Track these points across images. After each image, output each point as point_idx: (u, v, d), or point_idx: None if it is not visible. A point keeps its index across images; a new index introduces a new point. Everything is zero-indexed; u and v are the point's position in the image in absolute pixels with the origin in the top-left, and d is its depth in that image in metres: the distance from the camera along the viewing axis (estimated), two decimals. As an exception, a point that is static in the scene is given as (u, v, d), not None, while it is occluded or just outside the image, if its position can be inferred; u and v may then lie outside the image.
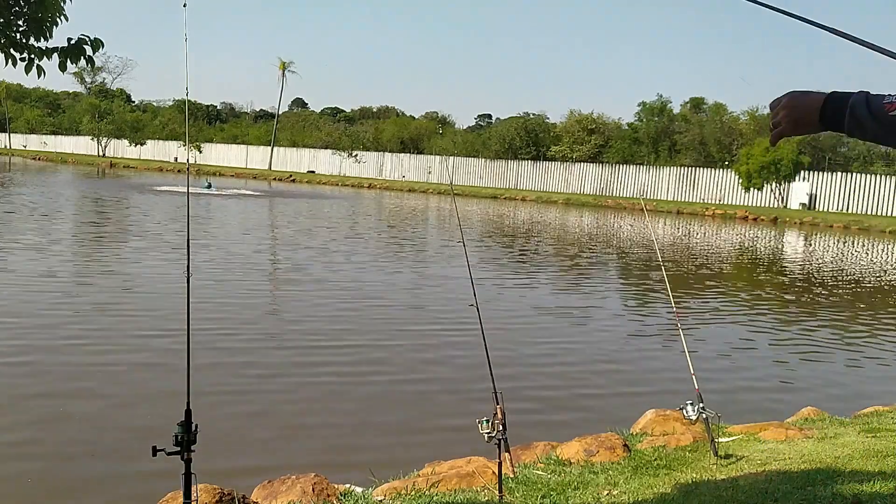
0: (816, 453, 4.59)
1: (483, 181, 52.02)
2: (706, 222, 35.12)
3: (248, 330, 9.30)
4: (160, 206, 27.32)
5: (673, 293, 5.84)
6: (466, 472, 4.27)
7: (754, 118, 45.28)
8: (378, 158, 58.32)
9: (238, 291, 11.79)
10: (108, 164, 61.90)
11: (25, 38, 3.43)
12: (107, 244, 17.44)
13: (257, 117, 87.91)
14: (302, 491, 4.12)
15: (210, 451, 4.23)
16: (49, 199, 27.23)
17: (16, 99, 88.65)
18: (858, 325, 12.07)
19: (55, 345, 8.16)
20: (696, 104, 49.83)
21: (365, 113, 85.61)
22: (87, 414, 6.28)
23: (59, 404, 6.45)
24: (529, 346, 9.37)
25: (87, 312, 9.82)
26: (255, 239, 20.05)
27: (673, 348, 9.15)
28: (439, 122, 72.76)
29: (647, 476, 4.32)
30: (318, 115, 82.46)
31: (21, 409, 6.29)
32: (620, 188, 46.79)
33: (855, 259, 23.62)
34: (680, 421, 5.35)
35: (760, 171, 39.94)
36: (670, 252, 21.45)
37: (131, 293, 11.22)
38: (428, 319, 10.69)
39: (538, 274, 16.53)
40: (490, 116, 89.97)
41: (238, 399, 6.79)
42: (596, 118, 51.64)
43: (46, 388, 6.79)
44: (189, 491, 2.70)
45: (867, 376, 8.91)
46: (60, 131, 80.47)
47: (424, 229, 26.40)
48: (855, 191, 39.15)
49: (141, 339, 8.52)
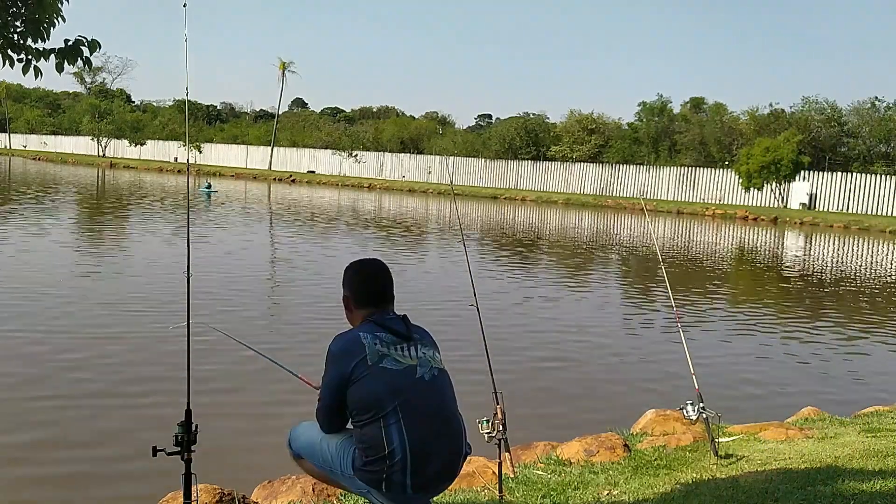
0: (816, 453, 4.59)
1: (483, 181, 51.98)
2: (706, 222, 35.11)
3: (248, 330, 9.29)
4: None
5: (673, 293, 5.83)
6: (466, 471, 4.27)
7: (754, 118, 45.23)
8: (378, 158, 58.28)
9: (239, 291, 11.79)
10: (108, 165, 61.88)
11: (23, 39, 3.42)
12: (104, 236, 17.44)
13: (257, 117, 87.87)
14: (302, 491, 4.12)
15: (210, 451, 4.22)
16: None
17: (16, 99, 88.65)
18: (859, 324, 12.06)
19: (54, 345, 8.15)
20: (696, 104, 49.78)
21: (365, 113, 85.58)
22: (87, 414, 6.28)
23: (59, 404, 6.45)
24: (529, 346, 9.36)
25: (87, 312, 9.82)
26: (257, 240, 20.04)
27: (673, 348, 9.14)
28: (439, 122, 72.70)
29: (647, 476, 4.31)
30: (318, 115, 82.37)
31: (21, 410, 6.29)
32: (620, 188, 46.76)
33: (855, 259, 23.61)
34: (680, 421, 5.35)
35: (760, 171, 39.90)
36: (670, 252, 21.44)
37: (131, 293, 11.21)
38: (428, 319, 10.67)
39: (538, 274, 16.52)
40: (490, 116, 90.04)
41: (238, 399, 6.79)
42: (596, 118, 51.58)
43: (46, 389, 6.79)
44: (189, 491, 2.70)
45: (867, 376, 8.90)
46: (60, 131, 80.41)
47: (424, 228, 26.39)
48: (855, 191, 39.12)
49: (141, 339, 8.52)
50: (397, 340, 2.63)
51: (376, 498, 2.58)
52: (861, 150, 41.87)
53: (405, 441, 2.49)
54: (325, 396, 2.65)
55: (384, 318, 2.70)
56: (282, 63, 65.05)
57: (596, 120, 51.40)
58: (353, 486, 2.64)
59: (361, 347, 2.57)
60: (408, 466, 2.49)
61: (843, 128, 43.09)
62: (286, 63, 65.15)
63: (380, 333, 2.62)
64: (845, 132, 42.93)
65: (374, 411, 2.52)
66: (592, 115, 51.78)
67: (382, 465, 2.50)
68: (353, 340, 2.60)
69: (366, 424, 2.53)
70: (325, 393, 2.65)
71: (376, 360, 2.55)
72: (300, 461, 2.82)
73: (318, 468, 2.74)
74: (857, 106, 42.96)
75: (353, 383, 2.54)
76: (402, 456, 2.49)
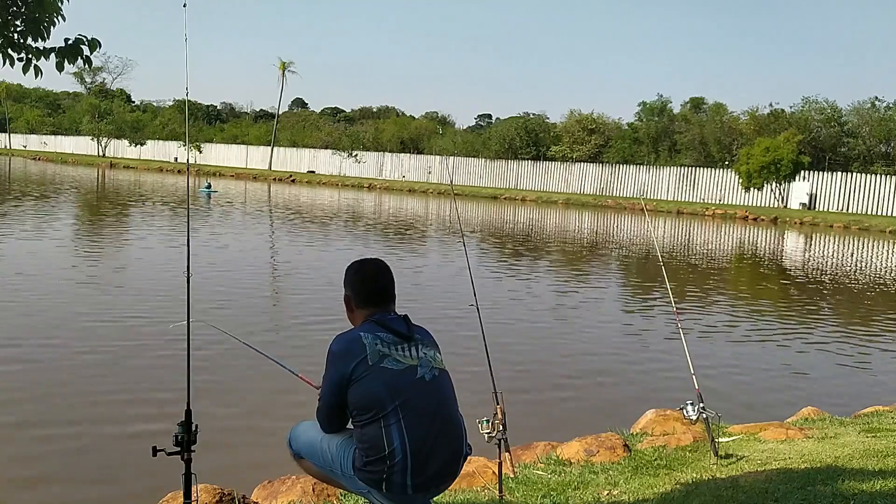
0: (816, 453, 4.59)
1: (483, 181, 51.96)
2: (706, 222, 35.11)
3: (248, 329, 9.29)
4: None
5: (673, 293, 5.83)
6: (466, 471, 4.27)
7: (754, 118, 45.21)
8: (378, 158, 58.26)
9: (239, 291, 11.78)
10: (108, 165, 61.87)
11: (23, 39, 3.42)
12: (104, 235, 17.44)
13: (257, 117, 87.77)
14: (302, 491, 4.12)
15: (210, 451, 4.22)
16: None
17: (16, 99, 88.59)
18: (859, 324, 12.06)
19: (55, 345, 8.15)
20: (696, 104, 49.75)
21: (365, 113, 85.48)
22: (86, 414, 6.27)
23: (59, 405, 6.45)
24: (530, 346, 9.36)
25: (87, 311, 9.81)
26: (258, 241, 20.03)
27: (673, 348, 9.14)
28: (439, 122, 72.65)
29: (647, 476, 4.31)
30: (318, 115, 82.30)
31: (20, 410, 6.28)
32: (620, 188, 46.75)
33: (855, 259, 23.61)
34: (680, 421, 5.35)
35: (760, 171, 39.90)
36: (670, 252, 21.44)
37: (131, 293, 11.21)
38: (427, 319, 10.67)
39: (538, 274, 16.52)
40: (490, 116, 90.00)
41: (239, 399, 6.79)
42: (596, 118, 51.55)
43: (46, 390, 6.79)
44: (189, 491, 2.70)
45: (867, 376, 8.90)
46: (60, 131, 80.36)
47: (424, 228, 26.38)
48: (855, 191, 39.10)
49: (141, 339, 8.51)
50: (398, 340, 2.64)
51: (377, 498, 2.58)
52: (861, 150, 41.83)
53: (405, 441, 2.50)
54: (325, 396, 2.66)
55: (385, 317, 2.70)
56: (282, 63, 65.05)
57: (596, 120, 51.37)
58: (354, 486, 2.64)
59: (362, 347, 2.57)
60: (408, 466, 2.50)
61: (843, 128, 43.06)
62: (286, 63, 65.15)
63: (381, 333, 2.63)
64: (845, 132, 42.90)
65: (374, 411, 2.53)
66: (592, 115, 51.77)
67: (383, 465, 2.50)
68: (353, 340, 2.61)
69: (366, 424, 2.54)
70: (325, 392, 2.66)
71: (377, 361, 2.56)
72: (300, 461, 2.82)
73: (319, 468, 2.75)
74: (857, 106, 42.96)
75: (353, 383, 2.55)
76: (403, 456, 2.49)
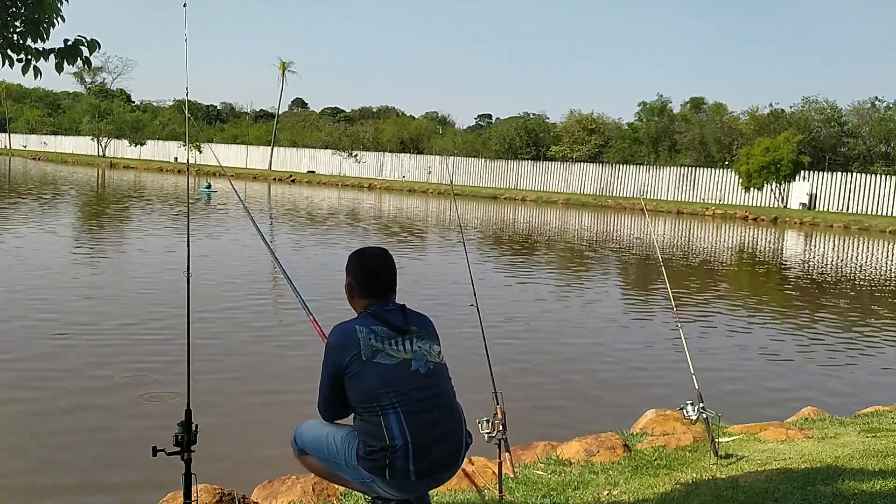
0: (816, 453, 4.59)
1: (483, 181, 51.94)
2: (706, 222, 35.11)
3: (248, 329, 9.29)
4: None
5: (673, 293, 5.83)
6: (466, 471, 4.27)
7: (754, 118, 45.20)
8: (378, 158, 58.24)
9: (239, 291, 11.78)
10: (108, 165, 61.85)
11: (22, 39, 3.42)
12: (103, 235, 17.44)
13: (257, 117, 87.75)
14: (302, 491, 4.12)
15: (210, 451, 4.22)
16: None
17: (16, 99, 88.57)
18: (859, 324, 12.06)
19: (54, 344, 8.16)
20: (696, 104, 49.73)
21: (365, 113, 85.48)
22: (86, 414, 6.28)
23: (59, 404, 6.45)
24: (530, 346, 9.36)
25: (86, 311, 9.81)
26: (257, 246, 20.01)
27: (673, 348, 9.15)
28: (439, 122, 72.64)
29: (647, 476, 4.31)
30: (318, 115, 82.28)
31: (20, 410, 6.29)
32: (620, 188, 46.73)
33: (855, 259, 23.61)
34: (680, 421, 5.35)
35: (760, 171, 39.89)
36: (670, 252, 21.44)
37: (131, 292, 11.21)
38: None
39: (538, 273, 16.52)
40: (490, 116, 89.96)
41: (239, 399, 6.79)
42: (596, 118, 51.53)
43: (46, 390, 6.79)
44: (189, 491, 2.70)
45: (867, 376, 8.90)
46: (60, 131, 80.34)
47: (424, 228, 26.38)
48: (855, 191, 39.09)
49: (141, 339, 8.52)
50: (393, 334, 2.69)
51: (380, 486, 2.63)
52: (861, 150, 41.82)
53: (405, 429, 2.56)
54: (323, 384, 2.75)
55: (383, 309, 2.75)
56: (282, 63, 65.03)
57: (596, 120, 51.36)
58: (358, 476, 2.67)
59: (356, 342, 2.64)
60: (410, 453, 2.56)
61: (843, 128, 43.04)
62: (286, 63, 65.12)
63: (375, 327, 2.68)
64: (845, 132, 42.89)
65: (371, 405, 2.61)
66: (592, 115, 51.76)
67: (385, 452, 2.57)
68: (348, 334, 2.68)
69: (366, 416, 2.62)
70: (323, 381, 2.74)
71: (370, 356, 2.62)
72: (303, 458, 2.85)
73: (323, 462, 2.79)
74: (857, 106, 42.94)
75: (348, 376, 2.63)
76: (404, 443, 2.56)
